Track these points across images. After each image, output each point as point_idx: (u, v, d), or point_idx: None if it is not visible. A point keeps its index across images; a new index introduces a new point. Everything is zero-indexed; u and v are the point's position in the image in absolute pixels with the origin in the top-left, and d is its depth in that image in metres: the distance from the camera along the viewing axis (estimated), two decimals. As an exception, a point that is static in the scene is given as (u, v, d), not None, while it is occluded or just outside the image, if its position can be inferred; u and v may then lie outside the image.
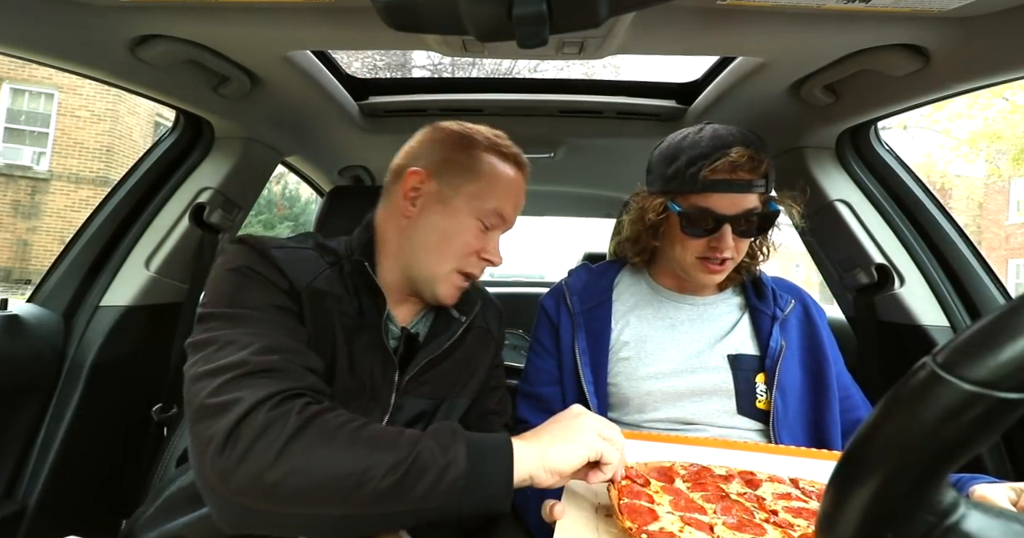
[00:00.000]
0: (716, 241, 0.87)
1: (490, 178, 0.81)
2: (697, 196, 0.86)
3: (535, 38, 0.59)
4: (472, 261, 0.80)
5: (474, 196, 0.80)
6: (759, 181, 0.86)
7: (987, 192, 14.35)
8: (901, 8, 0.72)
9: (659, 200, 0.91)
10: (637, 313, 1.00)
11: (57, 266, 1.18)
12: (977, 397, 0.24)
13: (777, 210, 0.90)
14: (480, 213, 0.79)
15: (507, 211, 0.82)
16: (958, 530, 0.26)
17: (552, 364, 1.00)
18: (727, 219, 0.85)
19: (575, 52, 0.90)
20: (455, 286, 0.80)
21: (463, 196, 0.79)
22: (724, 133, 0.87)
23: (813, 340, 0.95)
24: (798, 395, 0.90)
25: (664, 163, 0.92)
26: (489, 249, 0.81)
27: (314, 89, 1.15)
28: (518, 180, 0.84)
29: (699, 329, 0.97)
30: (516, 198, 0.84)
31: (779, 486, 0.66)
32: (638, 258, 1.03)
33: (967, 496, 0.50)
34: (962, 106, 8.92)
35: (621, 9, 0.59)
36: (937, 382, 0.26)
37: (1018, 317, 0.25)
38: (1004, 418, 0.24)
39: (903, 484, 0.26)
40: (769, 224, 0.91)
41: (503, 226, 0.83)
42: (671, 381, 0.91)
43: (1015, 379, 0.24)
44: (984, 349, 0.25)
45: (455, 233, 0.79)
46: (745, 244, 0.91)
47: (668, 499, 0.61)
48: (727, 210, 0.85)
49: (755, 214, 0.87)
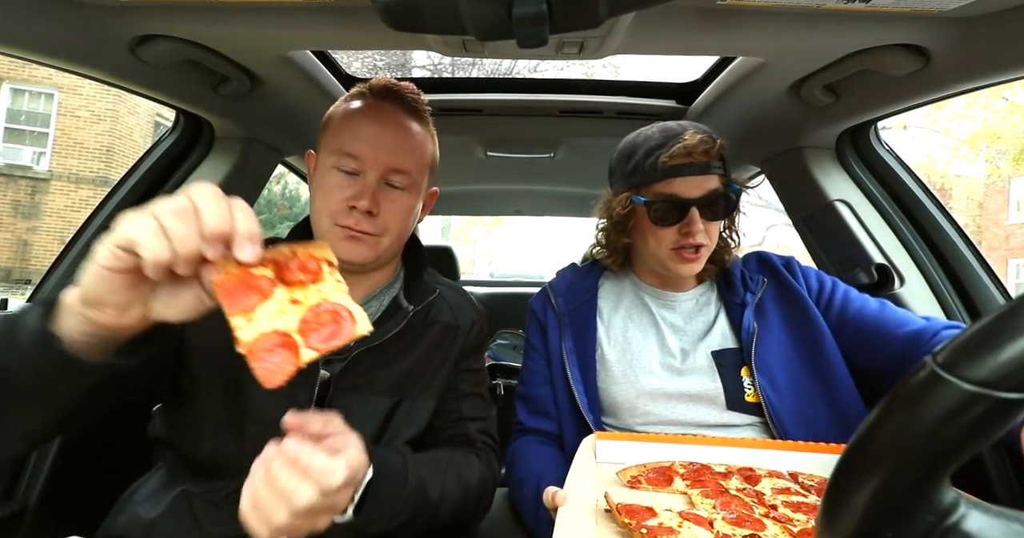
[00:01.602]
0: (686, 227, 0.88)
1: (337, 121, 0.80)
2: (659, 184, 0.88)
3: (535, 38, 0.59)
4: (342, 209, 0.76)
5: (327, 146, 0.79)
6: (716, 163, 0.88)
7: (987, 192, 14.35)
8: (901, 8, 0.72)
9: (624, 194, 0.93)
10: (621, 313, 1.00)
11: (57, 266, 1.18)
12: (977, 397, 0.24)
13: (739, 190, 0.91)
14: (334, 160, 0.77)
15: (354, 147, 0.76)
16: (958, 530, 0.26)
17: (543, 365, 1.01)
18: (692, 202, 0.87)
19: (575, 52, 0.90)
20: (338, 239, 0.76)
21: (322, 150, 0.80)
22: (673, 125, 0.92)
23: (796, 311, 0.93)
24: (789, 376, 0.88)
25: (623, 161, 0.94)
26: (353, 195, 0.75)
27: (314, 89, 1.15)
28: (363, 110, 0.79)
29: (682, 327, 0.97)
30: (361, 130, 0.77)
31: (778, 481, 0.66)
32: (611, 260, 1.03)
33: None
34: (962, 106, 8.92)
35: (621, 9, 0.59)
36: (937, 382, 0.26)
37: (1018, 317, 0.25)
38: (1004, 418, 0.24)
39: (903, 484, 0.26)
40: (733, 206, 0.92)
41: (361, 166, 0.77)
42: (659, 384, 0.91)
43: (1015, 379, 0.24)
44: (984, 349, 0.25)
45: (319, 188, 0.78)
46: (715, 229, 0.92)
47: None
48: (691, 193, 0.87)
49: (719, 194, 0.88)
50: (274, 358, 0.44)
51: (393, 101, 0.81)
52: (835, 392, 0.87)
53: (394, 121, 0.80)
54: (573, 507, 0.62)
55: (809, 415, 0.86)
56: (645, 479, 0.66)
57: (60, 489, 1.06)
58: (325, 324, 0.47)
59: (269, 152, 1.43)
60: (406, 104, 0.82)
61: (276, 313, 0.46)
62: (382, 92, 0.81)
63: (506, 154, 1.62)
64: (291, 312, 0.47)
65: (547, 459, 0.91)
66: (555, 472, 0.84)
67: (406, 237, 0.86)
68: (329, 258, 0.52)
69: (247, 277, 0.46)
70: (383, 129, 0.78)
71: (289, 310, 0.47)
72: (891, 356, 0.85)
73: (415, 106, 0.83)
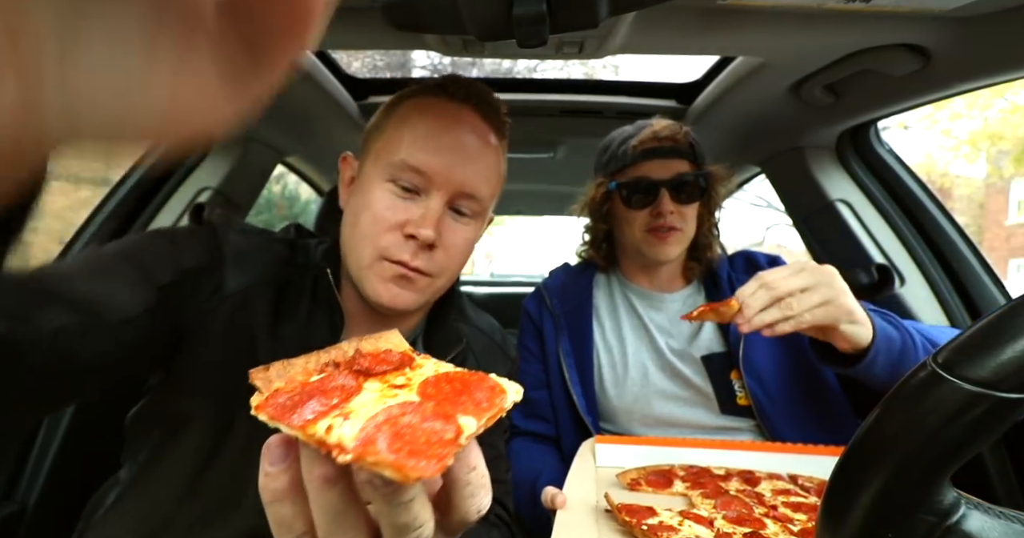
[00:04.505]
0: (657, 208, 0.92)
1: (398, 123, 0.61)
2: (630, 168, 0.94)
3: (534, 38, 0.59)
4: (395, 240, 0.59)
5: (381, 154, 0.61)
6: (684, 148, 0.93)
7: (987, 192, 14.34)
8: (901, 8, 0.72)
9: (600, 180, 1.01)
10: (613, 316, 1.00)
11: (57, 266, 1.18)
12: (978, 397, 0.24)
13: (709, 173, 0.95)
14: (390, 173, 0.60)
15: (421, 160, 0.58)
16: (958, 530, 0.26)
17: (539, 368, 1.00)
18: (662, 183, 0.91)
19: (575, 52, 0.90)
20: (383, 278, 0.60)
21: (371, 158, 0.62)
22: (644, 120, 0.99)
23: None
24: (778, 378, 0.89)
25: (601, 153, 1.03)
26: (414, 220, 0.58)
27: (314, 89, 1.15)
28: (437, 113, 0.61)
29: (669, 329, 0.97)
30: (433, 138, 0.60)
31: (778, 482, 0.66)
32: (594, 252, 1.06)
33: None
34: (962, 106, 8.91)
35: (621, 9, 0.59)
36: (938, 382, 0.26)
37: (1018, 317, 0.25)
38: (1004, 418, 0.24)
39: (904, 484, 0.26)
40: (702, 189, 0.95)
41: (426, 184, 0.60)
42: (655, 386, 0.91)
43: (1015, 379, 0.24)
44: (984, 349, 0.25)
45: (365, 206, 0.60)
46: (688, 212, 0.94)
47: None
48: (660, 174, 0.92)
49: (687, 175, 0.92)
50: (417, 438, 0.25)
51: (476, 106, 0.64)
52: (824, 392, 0.88)
53: (475, 132, 0.63)
54: (573, 507, 0.62)
55: (800, 416, 0.86)
56: (645, 481, 0.66)
57: (60, 489, 1.06)
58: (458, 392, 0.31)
59: (269, 152, 1.43)
60: (490, 111, 0.66)
61: (378, 401, 0.29)
62: (463, 93, 0.64)
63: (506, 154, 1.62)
64: (400, 395, 0.30)
65: (544, 458, 0.91)
66: (552, 470, 0.84)
67: (456, 279, 0.69)
68: (407, 351, 0.37)
69: (309, 387, 0.30)
70: (461, 141, 0.61)
71: (395, 394, 0.30)
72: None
73: (499, 116, 0.68)
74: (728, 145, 1.36)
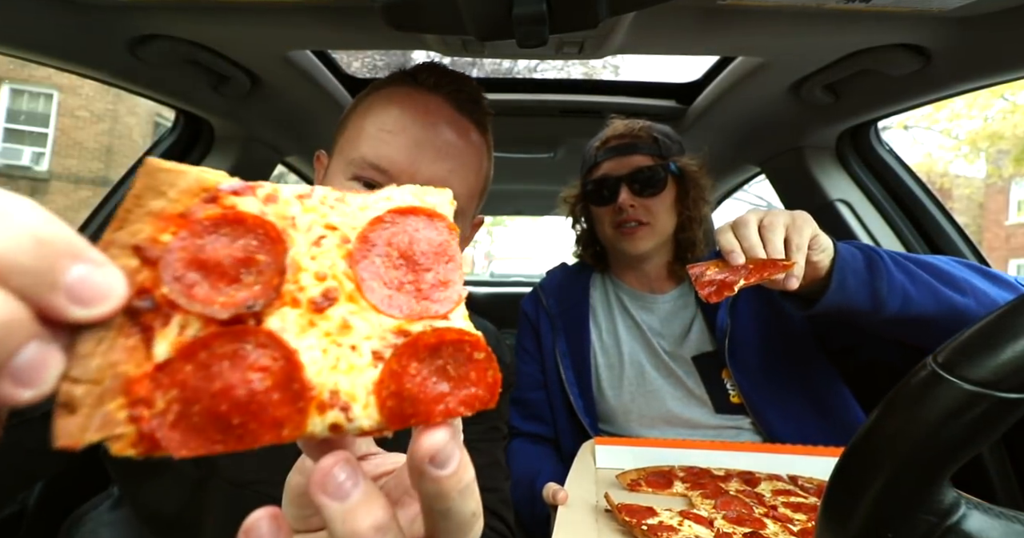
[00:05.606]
0: (619, 204, 0.95)
1: (361, 116, 0.56)
2: (595, 169, 0.99)
3: (534, 38, 0.59)
4: None
5: (344, 149, 0.56)
6: (645, 142, 0.96)
7: (987, 192, 14.33)
8: (901, 8, 0.72)
9: (576, 183, 1.07)
10: (609, 316, 1.01)
11: (57, 266, 1.18)
12: (977, 397, 0.24)
13: (668, 164, 0.97)
14: (351, 170, 0.54)
15: (383, 155, 0.52)
16: (958, 530, 0.26)
17: (536, 368, 1.00)
18: (620, 179, 0.94)
19: (575, 52, 0.90)
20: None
21: (336, 154, 0.58)
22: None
23: (771, 306, 0.92)
24: (768, 373, 0.88)
25: (581, 162, 1.08)
26: None
27: (314, 89, 1.15)
28: (402, 103, 0.55)
29: (660, 330, 0.97)
30: (396, 131, 0.53)
31: (778, 483, 0.66)
32: (585, 252, 1.09)
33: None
34: (962, 106, 8.92)
35: (621, 9, 0.59)
36: (938, 382, 0.26)
37: (1018, 317, 0.25)
38: (1004, 418, 0.24)
39: (904, 484, 0.26)
40: (662, 180, 0.95)
41: (389, 182, 0.52)
42: (650, 388, 0.91)
43: (1015, 379, 0.24)
44: (984, 349, 0.25)
45: None
46: (654, 205, 0.95)
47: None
48: (618, 171, 0.95)
49: (645, 169, 0.94)
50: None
51: (450, 96, 0.58)
52: (815, 384, 0.88)
53: (446, 122, 0.57)
54: (573, 507, 0.62)
55: (793, 410, 0.86)
56: (645, 482, 0.66)
57: (60, 490, 1.06)
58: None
59: (269, 152, 1.43)
60: (467, 102, 0.59)
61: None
62: (434, 81, 0.58)
63: (506, 154, 1.62)
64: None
65: (542, 457, 0.91)
66: (551, 469, 0.84)
67: None
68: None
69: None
70: (430, 134, 0.55)
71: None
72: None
73: (477, 105, 0.61)
74: (728, 145, 1.36)
